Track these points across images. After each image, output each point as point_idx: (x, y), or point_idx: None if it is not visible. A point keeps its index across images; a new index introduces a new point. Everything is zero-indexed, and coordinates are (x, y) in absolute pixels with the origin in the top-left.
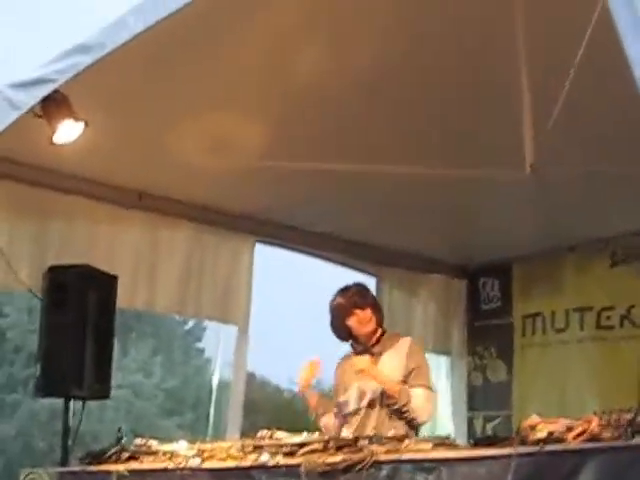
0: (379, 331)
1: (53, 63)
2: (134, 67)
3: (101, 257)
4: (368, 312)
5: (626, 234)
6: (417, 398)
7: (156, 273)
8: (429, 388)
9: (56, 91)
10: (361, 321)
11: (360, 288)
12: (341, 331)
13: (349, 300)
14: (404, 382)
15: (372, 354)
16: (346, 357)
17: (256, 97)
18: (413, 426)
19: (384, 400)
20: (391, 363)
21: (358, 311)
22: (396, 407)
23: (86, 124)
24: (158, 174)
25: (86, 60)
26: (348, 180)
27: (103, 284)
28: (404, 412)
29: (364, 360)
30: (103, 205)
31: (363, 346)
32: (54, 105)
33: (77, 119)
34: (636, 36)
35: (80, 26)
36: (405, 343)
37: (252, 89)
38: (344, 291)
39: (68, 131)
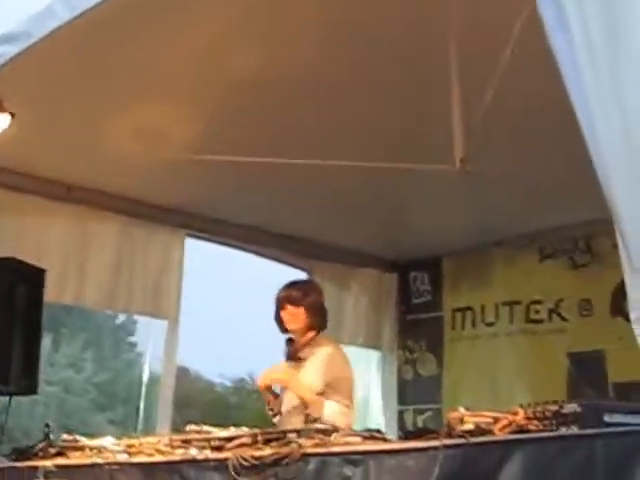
0: (310, 334)
1: None
2: (62, 57)
3: (29, 250)
4: (300, 310)
5: (554, 229)
6: (330, 411)
7: (85, 267)
8: (346, 405)
9: None
10: (290, 316)
11: (304, 286)
12: (278, 323)
13: (285, 294)
14: (322, 394)
15: (299, 358)
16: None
17: (186, 89)
18: None
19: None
20: (311, 372)
21: (290, 306)
22: (311, 418)
23: (12, 116)
24: (87, 167)
25: (12, 50)
26: (279, 174)
27: (31, 278)
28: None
29: (279, 369)
30: (31, 198)
31: (294, 347)
32: None
33: (3, 110)
34: (561, 32)
35: (5, 15)
36: (323, 353)
37: (182, 81)
38: (288, 285)
39: None
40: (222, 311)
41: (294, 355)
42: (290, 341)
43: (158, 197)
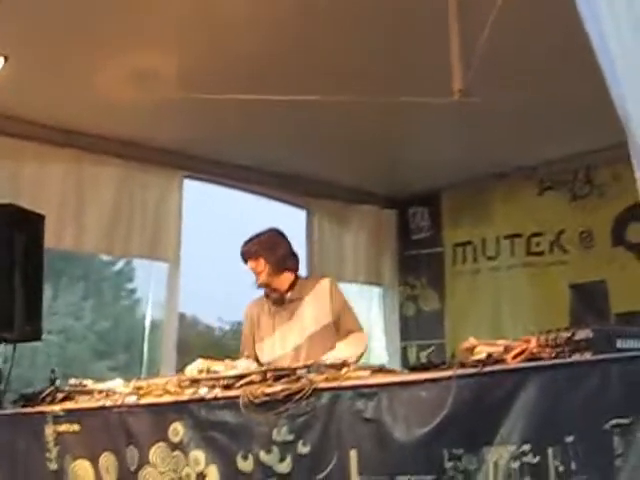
0: (287, 277)
1: None
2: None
3: (26, 196)
4: (261, 261)
5: (553, 161)
6: (346, 351)
7: (84, 212)
8: (359, 329)
9: None
10: (254, 270)
11: (259, 237)
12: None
13: (243, 251)
14: (335, 324)
15: (285, 302)
16: (258, 301)
17: (178, 28)
18: None
19: (311, 345)
20: (315, 306)
21: (250, 261)
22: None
23: (6, 59)
24: (83, 111)
25: None
26: (276, 112)
27: (31, 224)
28: None
29: None
30: (27, 143)
31: (277, 294)
32: None
33: None
34: None
35: None
36: (325, 285)
37: (177, 21)
38: (247, 240)
39: None
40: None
41: (281, 299)
42: (269, 290)
43: (155, 139)
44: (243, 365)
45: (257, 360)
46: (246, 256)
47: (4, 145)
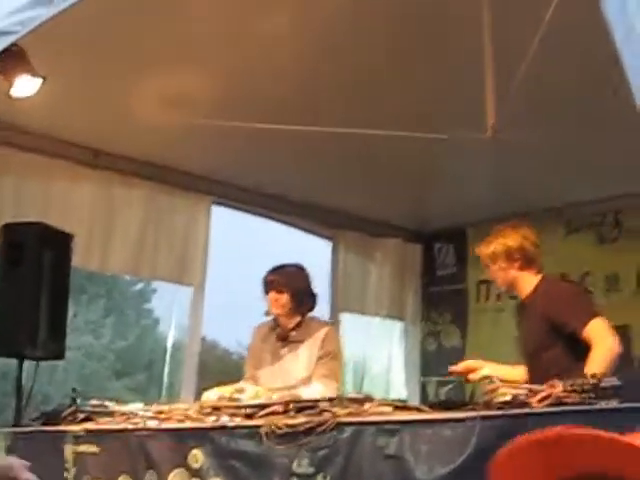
0: (296, 318)
1: (12, 15)
2: (92, 21)
3: (55, 215)
4: (284, 297)
5: (581, 203)
6: (315, 393)
7: (111, 233)
8: (333, 378)
9: (14, 44)
10: (275, 302)
11: (290, 270)
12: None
13: (271, 279)
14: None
15: (287, 340)
16: (266, 326)
17: (213, 55)
18: None
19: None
20: (309, 354)
21: (274, 293)
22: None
23: (44, 80)
24: (114, 132)
25: (46, 13)
26: (305, 142)
27: (59, 243)
28: None
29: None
30: (58, 162)
31: (282, 330)
32: (12, 59)
33: (35, 74)
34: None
35: None
36: (321, 334)
37: (210, 47)
38: (274, 270)
39: (25, 86)
40: (241, 279)
41: (284, 336)
42: (276, 321)
43: (185, 164)
44: (250, 393)
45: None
46: (272, 286)
47: (35, 163)
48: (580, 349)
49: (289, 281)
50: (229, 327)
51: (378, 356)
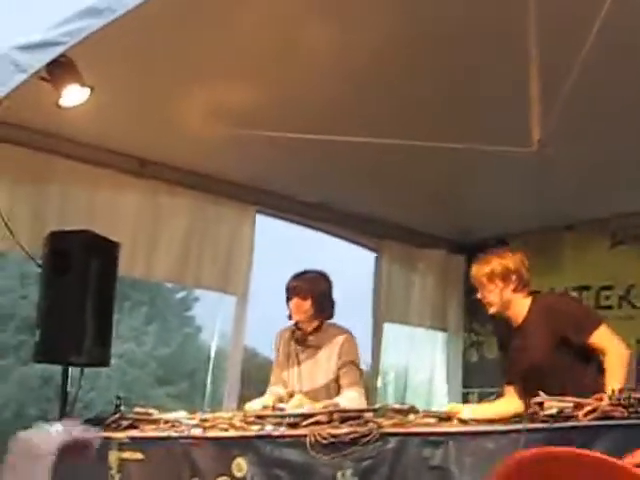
0: (315, 322)
1: (61, 26)
2: (140, 33)
3: (101, 224)
4: (307, 302)
5: (627, 214)
6: (352, 401)
7: (156, 241)
8: (352, 385)
9: (63, 55)
10: (297, 308)
11: (312, 276)
12: (288, 310)
13: (293, 285)
14: (335, 381)
15: (306, 344)
16: (288, 330)
17: (259, 65)
18: None
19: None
20: (326, 361)
21: (297, 298)
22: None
23: (92, 90)
24: (160, 142)
25: (95, 24)
26: (350, 152)
27: (105, 251)
28: None
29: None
30: (104, 171)
31: (301, 333)
32: (60, 69)
33: (83, 84)
34: None
35: None
36: (338, 342)
37: (255, 58)
38: (297, 276)
39: (73, 96)
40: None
41: (303, 341)
42: (297, 326)
43: (229, 173)
44: (294, 401)
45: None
46: (296, 292)
47: (81, 172)
48: (589, 357)
49: (312, 287)
50: (270, 336)
51: (420, 366)
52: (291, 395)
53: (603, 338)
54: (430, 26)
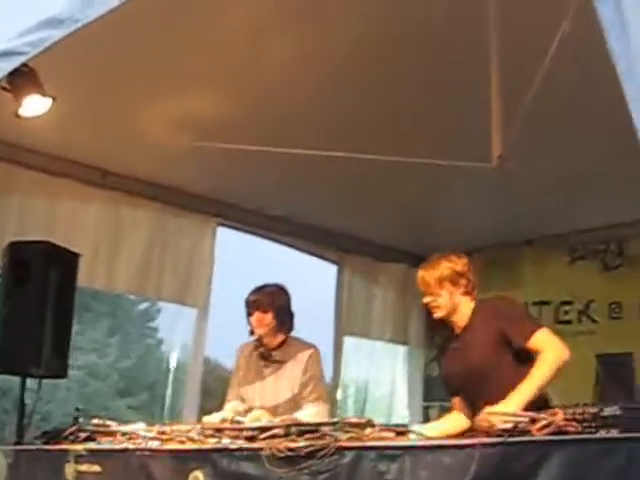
0: (279, 337)
1: (23, 36)
2: (103, 43)
3: (61, 234)
4: (269, 316)
5: (586, 230)
6: (314, 417)
7: (117, 252)
8: (323, 401)
9: (25, 65)
10: (259, 322)
11: (272, 290)
12: (249, 324)
13: (255, 299)
14: (299, 394)
15: (271, 359)
16: (250, 345)
17: (223, 77)
18: None
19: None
20: (291, 376)
21: (258, 312)
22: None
23: (54, 100)
24: (122, 153)
25: (57, 34)
26: (312, 166)
27: (65, 262)
28: None
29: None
30: (65, 181)
31: (265, 348)
32: (22, 79)
33: (44, 94)
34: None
35: None
36: (304, 357)
37: (218, 70)
38: (257, 290)
39: (34, 106)
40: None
41: (268, 356)
42: (260, 341)
43: (191, 185)
44: (252, 415)
45: (242, 401)
46: (256, 305)
47: (42, 182)
48: (529, 360)
49: (273, 300)
50: (232, 348)
51: (381, 380)
52: (249, 410)
53: (543, 340)
54: (392, 42)
